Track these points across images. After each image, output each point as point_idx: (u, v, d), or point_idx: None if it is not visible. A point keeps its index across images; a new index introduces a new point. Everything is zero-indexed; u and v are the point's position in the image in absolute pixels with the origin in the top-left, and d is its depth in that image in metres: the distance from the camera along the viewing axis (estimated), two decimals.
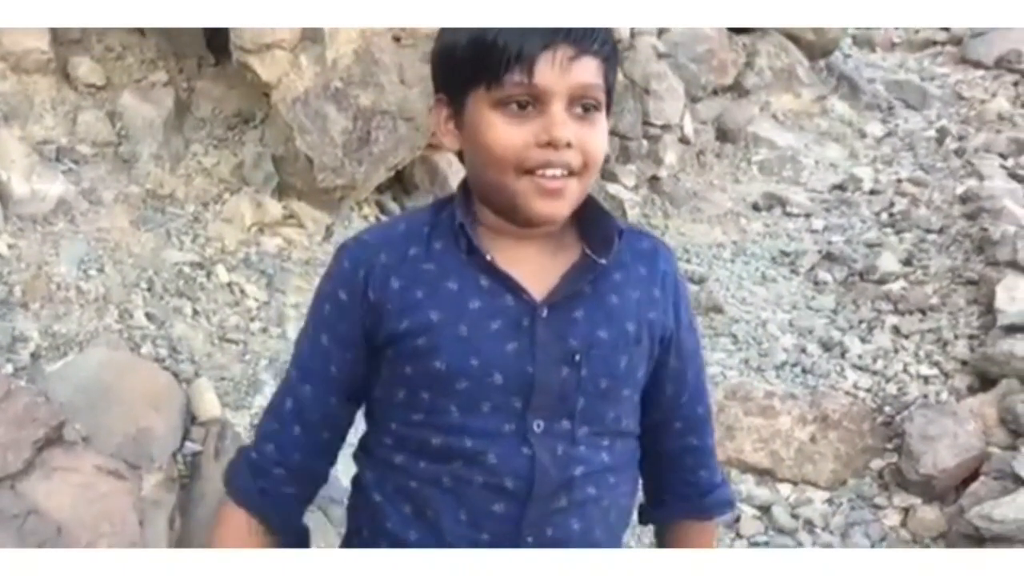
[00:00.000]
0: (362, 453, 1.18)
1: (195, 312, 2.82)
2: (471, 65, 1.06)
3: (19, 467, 1.86)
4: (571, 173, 1.07)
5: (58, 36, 3.17)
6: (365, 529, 1.16)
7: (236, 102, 3.38)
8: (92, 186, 3.03)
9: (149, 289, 2.80)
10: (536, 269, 1.11)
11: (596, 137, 1.08)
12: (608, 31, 1.11)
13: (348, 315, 1.12)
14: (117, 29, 3.27)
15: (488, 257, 1.09)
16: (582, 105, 1.07)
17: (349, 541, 1.22)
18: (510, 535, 1.08)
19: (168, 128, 3.26)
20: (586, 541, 1.11)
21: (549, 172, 1.05)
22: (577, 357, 1.09)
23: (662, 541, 1.28)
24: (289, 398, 1.17)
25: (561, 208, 1.08)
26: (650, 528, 1.33)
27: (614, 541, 1.16)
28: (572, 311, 1.10)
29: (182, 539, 2.35)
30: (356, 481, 1.20)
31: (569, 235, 1.15)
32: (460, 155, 1.14)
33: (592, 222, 1.15)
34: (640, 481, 1.24)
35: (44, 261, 2.69)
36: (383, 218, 3.41)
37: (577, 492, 1.10)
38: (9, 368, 2.29)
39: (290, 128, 3.15)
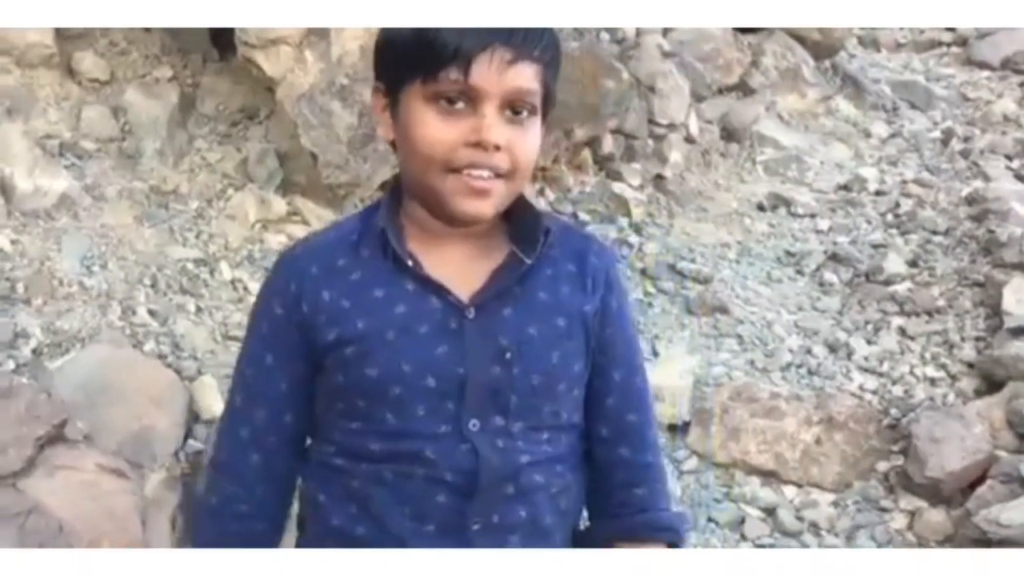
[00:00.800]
0: (303, 462, 1.18)
1: (198, 309, 2.81)
2: (410, 58, 1.07)
3: (21, 465, 1.85)
4: (499, 175, 1.07)
5: (62, 31, 3.15)
6: (312, 529, 1.17)
7: (241, 98, 3.36)
8: (95, 182, 3.01)
9: (152, 286, 2.78)
10: (464, 270, 1.12)
11: (527, 141, 1.09)
12: (552, 34, 1.10)
13: (287, 328, 1.12)
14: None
15: (409, 263, 1.10)
16: (515, 108, 1.07)
17: (300, 543, 1.22)
18: (455, 524, 1.09)
19: (172, 124, 3.24)
20: (535, 527, 1.12)
21: (476, 172, 1.06)
22: (508, 355, 1.09)
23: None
24: (243, 427, 1.16)
25: (485, 208, 1.09)
26: None
27: (565, 528, 1.16)
28: (500, 310, 1.11)
29: (184, 538, 2.33)
30: (300, 488, 1.20)
31: (499, 234, 1.16)
32: (394, 145, 1.15)
33: (521, 221, 1.16)
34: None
35: (47, 257, 2.68)
36: None
37: (524, 480, 1.10)
38: (11, 364, 2.28)
39: (295, 124, 3.14)
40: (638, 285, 3.73)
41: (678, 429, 3.13)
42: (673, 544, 1.19)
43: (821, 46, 5.19)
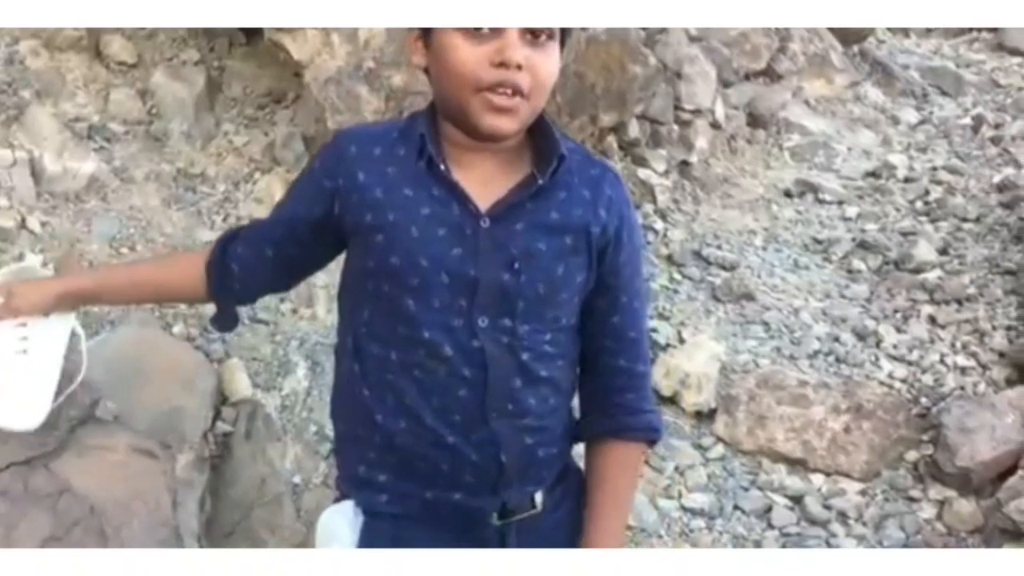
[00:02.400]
0: (347, 341, 1.28)
1: None
2: None
3: (53, 446, 1.85)
4: (521, 94, 1.17)
5: None
6: (359, 427, 1.27)
7: (267, 81, 3.36)
8: (123, 164, 3.02)
9: None
10: (487, 182, 1.23)
11: (547, 62, 1.19)
12: None
13: (316, 184, 1.28)
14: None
15: (442, 167, 1.21)
16: (534, 32, 1.17)
17: (343, 443, 1.34)
18: (478, 415, 1.22)
19: (199, 107, 3.24)
20: (545, 407, 1.26)
21: (500, 90, 1.16)
22: (516, 264, 1.21)
23: (589, 461, 1.36)
24: (260, 222, 1.39)
25: (509, 124, 1.18)
26: None
27: (567, 403, 1.32)
28: (513, 223, 1.22)
29: (212, 520, 2.34)
30: (342, 377, 1.31)
31: (523, 154, 1.27)
32: (427, 71, 1.26)
33: (542, 143, 1.26)
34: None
35: (76, 238, 2.69)
36: None
37: (529, 374, 1.23)
38: None
39: (321, 108, 3.13)
40: (664, 272, 3.70)
41: (704, 416, 3.11)
42: (652, 442, 1.37)
43: (849, 32, 5.13)
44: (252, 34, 3.36)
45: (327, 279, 3.00)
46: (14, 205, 2.64)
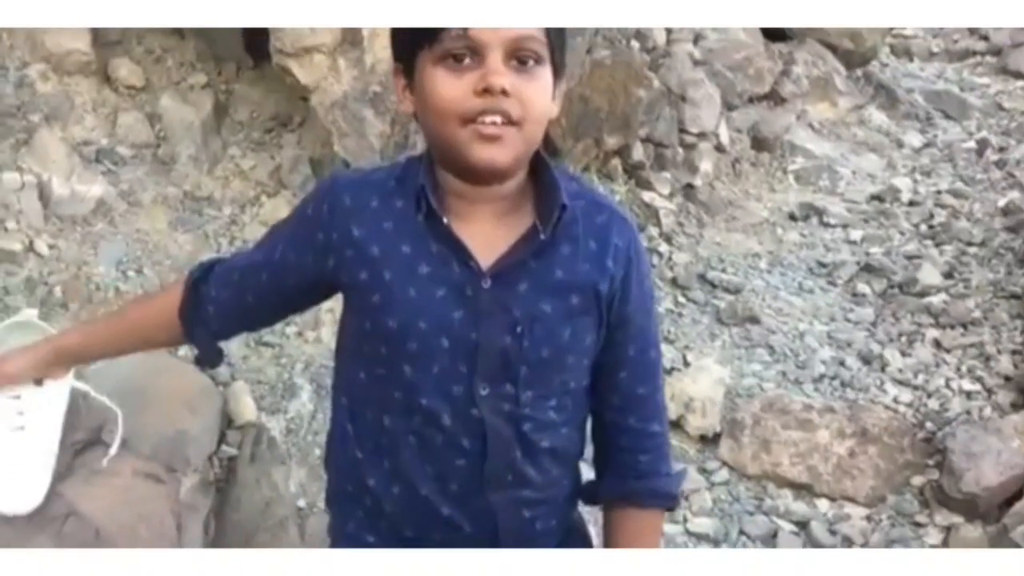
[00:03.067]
0: (337, 403, 1.25)
1: None
2: (415, 28, 1.13)
3: (60, 470, 1.85)
4: (510, 122, 1.10)
5: (99, 37, 3.19)
6: (349, 484, 1.22)
7: (274, 105, 3.38)
8: (131, 187, 3.04)
9: None
10: (488, 237, 1.16)
11: (535, 88, 1.12)
12: None
13: (306, 231, 1.21)
14: (157, 31, 3.29)
15: (445, 220, 1.14)
16: (519, 58, 1.11)
17: (334, 495, 1.29)
18: (475, 487, 1.17)
19: (206, 130, 3.27)
20: (547, 479, 1.20)
21: (487, 119, 1.09)
22: (519, 328, 1.14)
23: (604, 525, 1.30)
24: (245, 256, 1.32)
25: (499, 155, 1.11)
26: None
27: (572, 472, 1.26)
28: (516, 283, 1.15)
29: (216, 542, 2.34)
30: (336, 429, 1.26)
31: (525, 203, 1.19)
32: (417, 118, 1.20)
33: (543, 193, 1.19)
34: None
35: (83, 261, 2.70)
36: None
37: (530, 445, 1.17)
38: None
39: (328, 132, 3.15)
40: (668, 295, 3.71)
41: (709, 440, 3.11)
42: (670, 509, 1.30)
43: (853, 55, 5.15)
44: (259, 58, 3.39)
45: (332, 303, 3.01)
46: (22, 228, 2.66)
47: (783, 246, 4.06)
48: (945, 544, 2.78)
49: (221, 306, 1.29)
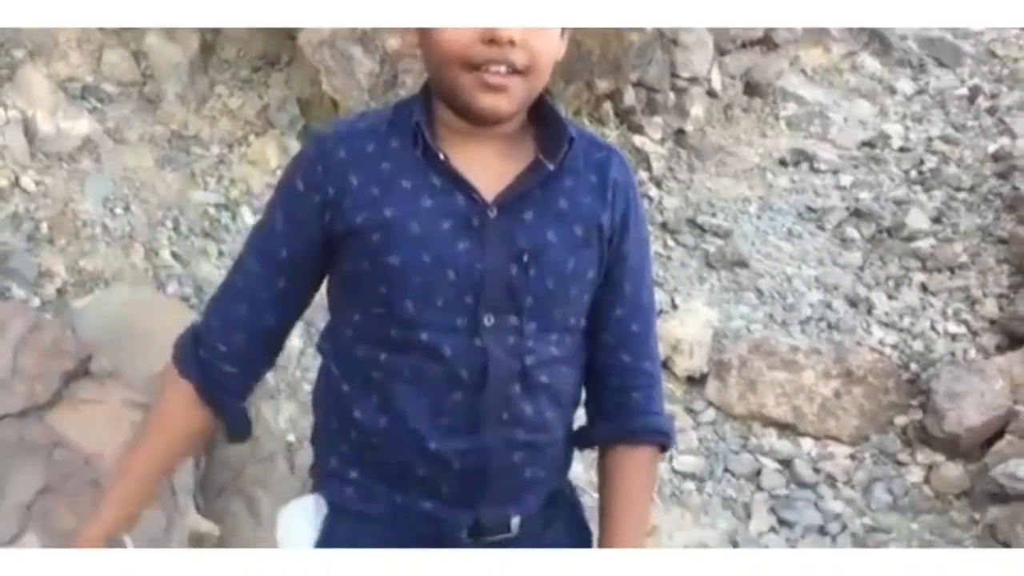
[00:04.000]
0: (327, 344, 1.22)
1: (220, 253, 2.82)
2: None
3: (47, 398, 1.87)
4: (516, 71, 1.08)
5: None
6: (334, 419, 1.19)
7: (261, 44, 3.34)
8: (117, 125, 3.01)
9: (175, 229, 2.79)
10: (490, 170, 1.14)
11: (542, 38, 1.10)
12: None
13: (304, 205, 1.14)
14: None
15: (441, 156, 1.12)
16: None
17: (318, 432, 1.25)
18: (469, 421, 1.13)
19: (193, 69, 3.23)
20: (541, 420, 1.16)
21: (492, 68, 1.07)
22: (525, 257, 1.12)
23: (599, 469, 1.26)
24: (240, 276, 1.20)
25: (503, 104, 1.10)
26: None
27: (565, 421, 1.22)
28: (521, 213, 1.13)
29: (206, 477, 2.36)
30: (323, 371, 1.23)
31: (525, 139, 1.18)
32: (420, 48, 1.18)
33: (546, 127, 1.18)
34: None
35: (70, 198, 2.69)
36: None
37: (530, 380, 1.14)
38: (36, 302, 2.30)
39: (316, 70, 3.12)
40: (657, 239, 3.71)
41: (696, 381, 3.14)
42: (664, 447, 1.24)
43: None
44: None
45: None
46: (8, 164, 2.64)
47: (773, 191, 4.05)
48: (926, 481, 2.83)
49: (238, 355, 1.19)
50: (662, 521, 2.74)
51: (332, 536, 1.19)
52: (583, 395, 1.26)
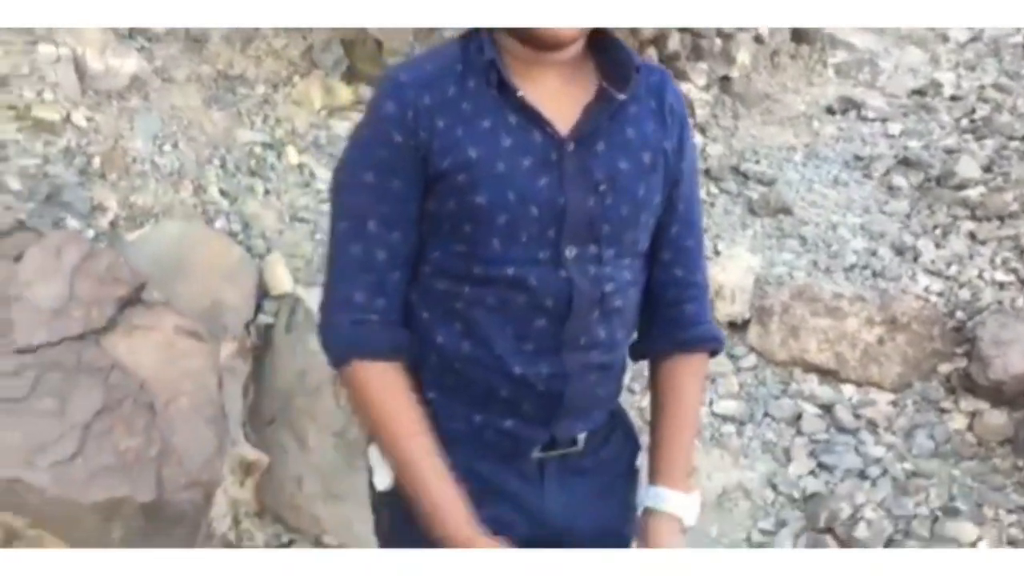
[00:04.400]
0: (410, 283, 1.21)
1: (266, 192, 2.85)
2: None
3: (103, 324, 1.91)
4: None
5: None
6: (414, 345, 1.20)
7: None
8: (164, 64, 3.03)
9: (222, 166, 2.82)
10: (558, 104, 1.16)
11: None
12: None
13: (409, 155, 1.14)
14: None
15: (519, 93, 1.13)
16: None
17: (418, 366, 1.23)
18: (552, 346, 1.18)
19: None
20: (610, 343, 1.22)
21: None
22: (601, 187, 1.16)
23: (654, 377, 1.31)
24: (354, 244, 1.16)
25: (566, 29, 1.12)
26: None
27: (628, 340, 1.28)
28: (594, 144, 1.16)
29: (255, 407, 2.42)
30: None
31: (586, 69, 1.19)
32: None
33: (609, 56, 1.19)
34: None
35: (120, 135, 2.72)
36: None
37: (606, 305, 1.19)
38: (90, 234, 2.34)
39: None
40: (701, 186, 3.66)
41: (737, 326, 3.13)
42: (715, 353, 1.31)
43: None
44: None
45: None
46: (59, 100, 2.67)
47: (819, 139, 4.00)
48: (969, 429, 2.81)
49: (388, 320, 1.18)
50: (702, 462, 2.76)
51: None
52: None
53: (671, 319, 1.28)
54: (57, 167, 2.48)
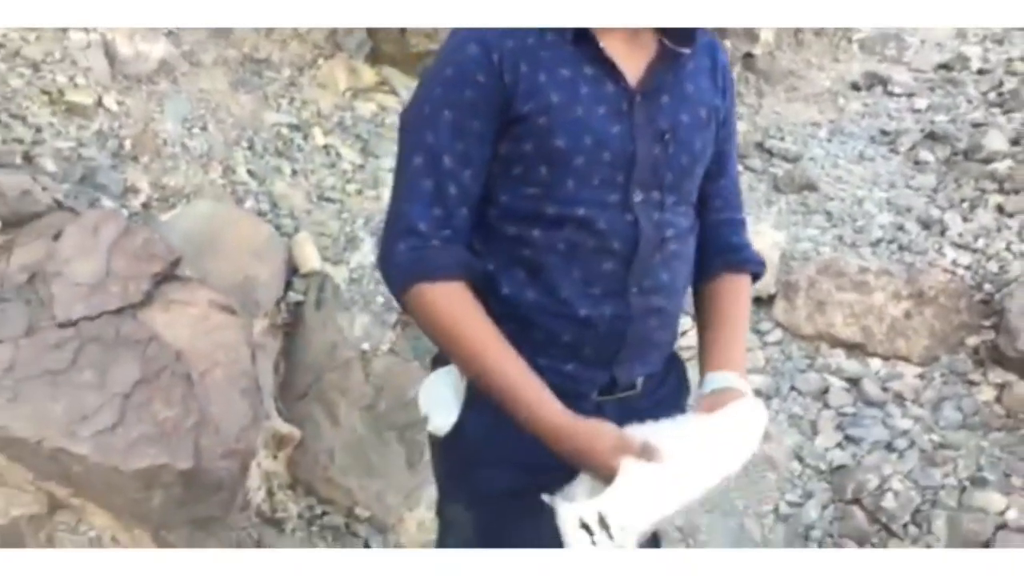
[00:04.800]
0: (476, 223, 1.25)
1: (294, 172, 2.88)
2: None
3: (139, 298, 1.95)
4: None
5: None
6: (479, 269, 1.23)
7: None
8: (192, 48, 3.07)
9: (250, 148, 2.86)
10: (625, 56, 1.23)
11: None
12: None
13: (492, 96, 1.19)
14: None
15: (601, 44, 1.20)
16: None
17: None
18: (618, 288, 1.24)
19: None
20: (672, 286, 1.29)
21: None
22: (666, 136, 1.23)
23: (702, 300, 1.40)
24: (451, 185, 1.20)
25: None
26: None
27: (686, 284, 1.35)
28: (660, 97, 1.24)
29: (286, 382, 2.46)
30: None
31: (646, 29, 1.25)
32: None
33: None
34: None
35: (150, 118, 2.76)
36: None
37: (667, 250, 1.27)
38: (124, 214, 2.39)
39: None
40: None
41: (764, 301, 3.13)
42: (756, 276, 1.41)
43: None
44: None
45: (391, 163, 3.06)
46: (91, 84, 2.72)
47: (844, 115, 3.98)
48: (998, 400, 2.80)
49: (451, 248, 1.21)
50: None
51: (475, 401, 1.26)
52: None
53: (719, 249, 1.37)
54: (91, 150, 2.53)
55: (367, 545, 2.27)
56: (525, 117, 1.19)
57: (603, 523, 1.08)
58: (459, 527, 1.35)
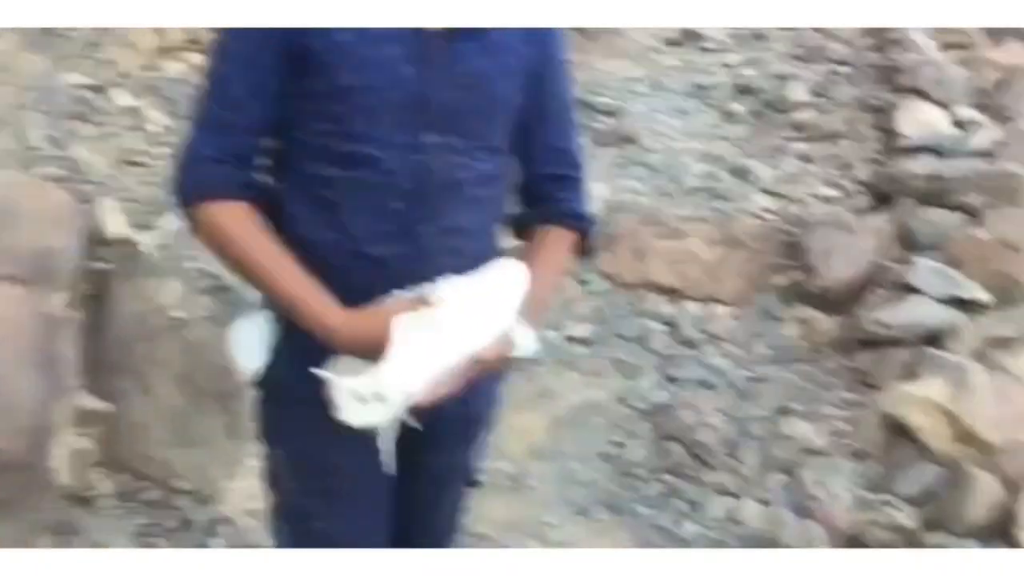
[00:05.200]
0: (275, 164, 1.28)
1: (97, 137, 2.73)
2: None
3: None
4: None
5: None
6: (280, 235, 1.25)
7: None
8: None
9: (45, 111, 2.69)
10: None
11: None
12: None
13: (284, 31, 1.20)
14: None
15: None
16: None
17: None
18: (407, 227, 1.25)
19: None
20: (472, 229, 1.29)
21: None
22: (465, 83, 1.24)
23: (527, 248, 1.39)
24: (238, 115, 1.22)
25: None
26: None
27: (494, 226, 1.37)
28: (463, 42, 1.24)
29: (94, 354, 2.34)
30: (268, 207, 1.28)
31: None
32: None
33: None
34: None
35: None
36: None
37: (465, 193, 1.27)
38: None
39: None
40: None
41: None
42: (584, 233, 1.40)
43: None
44: None
45: None
46: None
47: (661, 70, 4.10)
48: (802, 337, 2.98)
49: (242, 169, 1.25)
50: (554, 384, 2.84)
51: (286, 344, 1.28)
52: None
53: (534, 201, 1.39)
54: None
55: (187, 519, 2.20)
56: (316, 53, 1.19)
57: (378, 396, 1.15)
58: (285, 478, 1.36)
